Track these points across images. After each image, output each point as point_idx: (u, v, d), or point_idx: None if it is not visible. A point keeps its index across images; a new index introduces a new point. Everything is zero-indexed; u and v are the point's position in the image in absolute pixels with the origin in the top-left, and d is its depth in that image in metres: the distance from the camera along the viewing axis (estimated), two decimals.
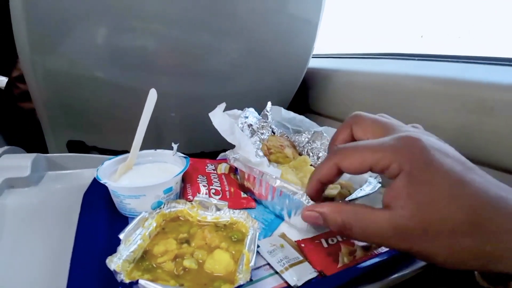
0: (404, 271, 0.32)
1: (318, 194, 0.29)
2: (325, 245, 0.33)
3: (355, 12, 1.06)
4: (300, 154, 0.49)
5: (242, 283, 0.22)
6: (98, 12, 0.50)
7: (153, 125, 0.68)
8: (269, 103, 0.48)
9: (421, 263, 0.33)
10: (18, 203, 0.38)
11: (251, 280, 0.29)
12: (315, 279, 0.29)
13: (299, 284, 0.28)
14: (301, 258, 0.31)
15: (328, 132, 0.49)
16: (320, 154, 0.48)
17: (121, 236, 0.25)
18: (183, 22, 0.55)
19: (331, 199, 0.37)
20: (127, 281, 0.21)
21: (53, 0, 0.47)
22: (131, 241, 0.26)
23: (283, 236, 0.35)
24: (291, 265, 0.30)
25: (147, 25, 0.54)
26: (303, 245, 0.34)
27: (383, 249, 0.33)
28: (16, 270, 0.28)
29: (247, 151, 0.39)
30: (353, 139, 0.27)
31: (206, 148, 0.71)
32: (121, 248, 0.24)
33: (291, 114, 0.51)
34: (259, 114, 0.49)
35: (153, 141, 0.60)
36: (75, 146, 0.61)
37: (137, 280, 0.20)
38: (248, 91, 0.70)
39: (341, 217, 0.23)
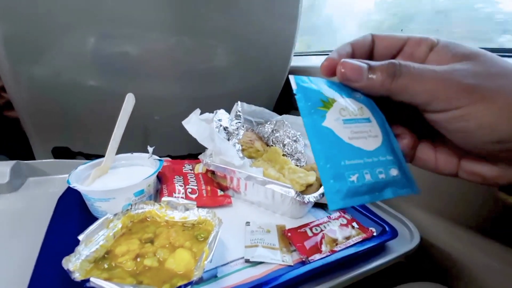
0: (383, 260, 0.34)
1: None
2: (309, 234, 0.36)
3: (354, 3, 1.05)
4: (267, 145, 0.51)
5: (195, 279, 0.23)
6: (78, 20, 0.51)
7: (139, 129, 0.69)
8: (238, 102, 0.48)
9: (398, 254, 0.35)
10: None
11: (216, 276, 0.30)
12: (303, 264, 0.31)
13: (251, 260, 0.31)
14: (276, 246, 0.34)
15: (288, 119, 0.50)
16: (285, 142, 0.49)
17: (81, 237, 0.26)
18: (163, 26, 0.56)
19: (309, 186, 0.39)
20: (79, 279, 0.22)
21: (29, 11, 0.48)
22: (93, 241, 0.27)
23: (280, 226, 0.38)
24: (263, 246, 0.33)
25: (128, 31, 0.55)
26: (289, 234, 0.35)
27: (362, 238, 0.35)
28: None
29: (230, 156, 0.40)
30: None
31: (192, 150, 0.72)
32: (80, 248, 0.25)
33: (252, 107, 0.52)
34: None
35: (137, 145, 0.61)
36: (61, 153, 0.62)
37: (89, 278, 0.21)
38: (233, 92, 0.70)
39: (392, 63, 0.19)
